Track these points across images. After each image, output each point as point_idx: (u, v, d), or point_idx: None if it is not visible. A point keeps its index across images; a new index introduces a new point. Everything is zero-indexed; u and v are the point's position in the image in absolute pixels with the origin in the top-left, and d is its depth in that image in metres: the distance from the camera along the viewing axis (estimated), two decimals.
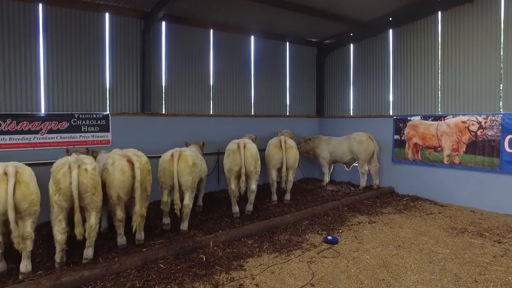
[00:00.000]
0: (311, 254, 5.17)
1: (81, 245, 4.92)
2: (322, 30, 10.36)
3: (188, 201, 5.93)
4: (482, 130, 7.53)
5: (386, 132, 9.44)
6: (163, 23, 8.50)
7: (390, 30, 9.55)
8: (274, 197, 8.01)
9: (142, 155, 5.43)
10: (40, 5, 6.93)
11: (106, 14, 7.69)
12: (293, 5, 8.28)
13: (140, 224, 5.34)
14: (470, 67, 7.86)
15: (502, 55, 7.38)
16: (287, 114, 11.12)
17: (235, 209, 6.95)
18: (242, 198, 7.44)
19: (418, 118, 8.74)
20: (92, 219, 4.78)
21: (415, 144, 8.80)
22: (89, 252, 4.81)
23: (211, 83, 9.42)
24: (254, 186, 6.96)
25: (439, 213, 7.31)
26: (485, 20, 7.60)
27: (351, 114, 10.83)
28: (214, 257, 4.97)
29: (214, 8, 8.31)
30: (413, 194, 8.81)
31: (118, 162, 5.15)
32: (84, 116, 7.32)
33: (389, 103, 9.70)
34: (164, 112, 8.59)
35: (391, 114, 9.55)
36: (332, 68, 11.50)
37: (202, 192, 7.45)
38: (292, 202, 7.99)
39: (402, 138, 9.07)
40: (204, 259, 4.88)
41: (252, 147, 6.86)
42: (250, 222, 6.51)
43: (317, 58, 11.69)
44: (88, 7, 7.42)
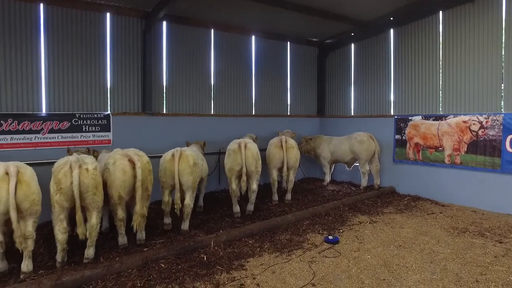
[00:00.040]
0: (312, 254, 5.17)
1: (82, 244, 4.93)
2: (323, 29, 10.34)
3: (189, 201, 5.94)
4: (483, 130, 7.52)
5: (387, 132, 9.43)
6: (164, 23, 8.50)
7: (391, 30, 9.54)
8: (275, 197, 8.01)
9: (143, 155, 5.43)
10: (41, 5, 6.94)
11: (107, 14, 7.70)
12: (294, 5, 8.27)
13: (141, 223, 5.34)
14: (471, 67, 7.85)
15: (503, 55, 7.37)
16: (288, 114, 11.11)
17: (236, 208, 6.95)
18: (243, 198, 7.45)
19: (419, 118, 8.73)
20: (93, 219, 4.79)
21: (416, 144, 8.78)
22: (90, 251, 4.83)
23: (212, 83, 9.41)
24: (255, 186, 6.97)
25: (440, 213, 7.31)
26: (486, 19, 7.58)
27: (352, 114, 10.81)
28: (215, 256, 4.98)
29: (215, 8, 8.31)
30: (414, 194, 8.80)
31: (119, 161, 5.17)
32: (85, 116, 7.33)
33: (390, 103, 9.69)
34: (165, 111, 8.60)
35: (392, 114, 9.54)
36: (333, 67, 11.49)
37: (202, 192, 7.44)
38: (293, 202, 7.99)
39: (403, 138, 9.06)
40: (205, 259, 4.88)
41: (253, 147, 6.86)
42: (251, 221, 6.51)
43: (318, 58, 11.68)
44: (89, 7, 7.43)
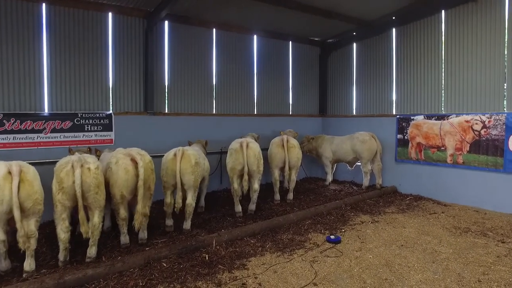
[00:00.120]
0: (314, 254, 5.17)
1: (84, 243, 4.94)
2: (325, 29, 10.33)
3: (191, 200, 5.94)
4: (485, 130, 7.49)
5: (389, 131, 9.41)
6: (166, 23, 8.51)
7: (394, 29, 9.51)
8: (277, 196, 8.01)
9: (145, 154, 5.44)
10: (43, 4, 6.96)
11: (109, 14, 7.72)
12: (296, 4, 8.26)
13: (143, 223, 5.35)
14: (474, 66, 7.82)
15: (506, 54, 7.34)
16: (290, 113, 11.10)
17: (238, 208, 6.95)
18: (245, 197, 7.44)
19: (422, 117, 8.70)
20: (95, 218, 4.80)
21: (418, 143, 8.76)
22: (92, 251, 4.84)
23: (214, 83, 9.42)
24: (256, 185, 6.97)
25: (442, 212, 7.29)
26: (489, 18, 7.55)
27: (354, 113, 10.79)
28: (217, 256, 4.98)
29: (216, 7, 8.31)
30: (416, 193, 8.79)
31: (121, 161, 5.18)
32: (87, 115, 7.35)
33: (392, 102, 9.67)
34: (167, 111, 8.61)
35: (394, 113, 9.52)
36: (335, 67, 11.47)
37: (204, 191, 7.42)
38: (295, 202, 7.98)
39: (405, 137, 9.04)
40: (207, 258, 4.89)
41: (254, 146, 6.86)
42: (252, 221, 6.51)
43: (320, 57, 11.66)
44: (91, 7, 7.45)
